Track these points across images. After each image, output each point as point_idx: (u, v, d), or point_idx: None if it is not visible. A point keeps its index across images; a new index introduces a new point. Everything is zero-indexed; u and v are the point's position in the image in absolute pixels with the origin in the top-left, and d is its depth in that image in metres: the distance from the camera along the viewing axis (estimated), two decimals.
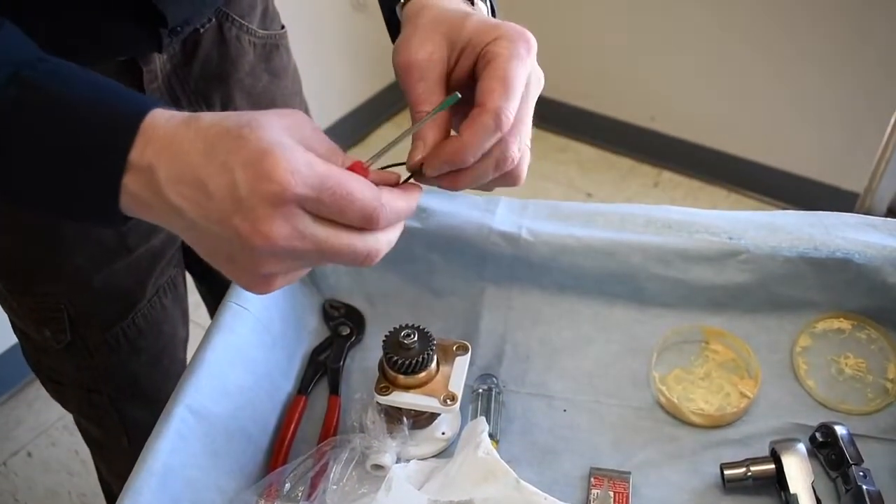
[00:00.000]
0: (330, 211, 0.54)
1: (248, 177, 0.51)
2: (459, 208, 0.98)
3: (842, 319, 0.93)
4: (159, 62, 0.87)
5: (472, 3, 0.72)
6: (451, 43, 0.64)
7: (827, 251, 0.90)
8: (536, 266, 0.95)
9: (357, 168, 0.58)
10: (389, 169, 0.65)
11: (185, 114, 0.55)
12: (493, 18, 0.66)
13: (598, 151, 2.91)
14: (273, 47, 1.01)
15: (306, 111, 1.13)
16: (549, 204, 1.00)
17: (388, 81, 3.03)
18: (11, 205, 0.84)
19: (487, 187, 0.68)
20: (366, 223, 0.56)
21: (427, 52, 0.64)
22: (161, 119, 0.54)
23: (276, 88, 1.03)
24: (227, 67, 0.94)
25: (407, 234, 0.95)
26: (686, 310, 0.95)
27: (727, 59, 2.51)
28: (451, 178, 0.64)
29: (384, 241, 0.58)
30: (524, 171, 0.67)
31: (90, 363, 1.01)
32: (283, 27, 1.04)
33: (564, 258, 0.94)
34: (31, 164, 0.56)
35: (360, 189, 0.54)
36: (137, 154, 0.54)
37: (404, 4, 0.71)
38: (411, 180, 0.64)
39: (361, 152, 2.95)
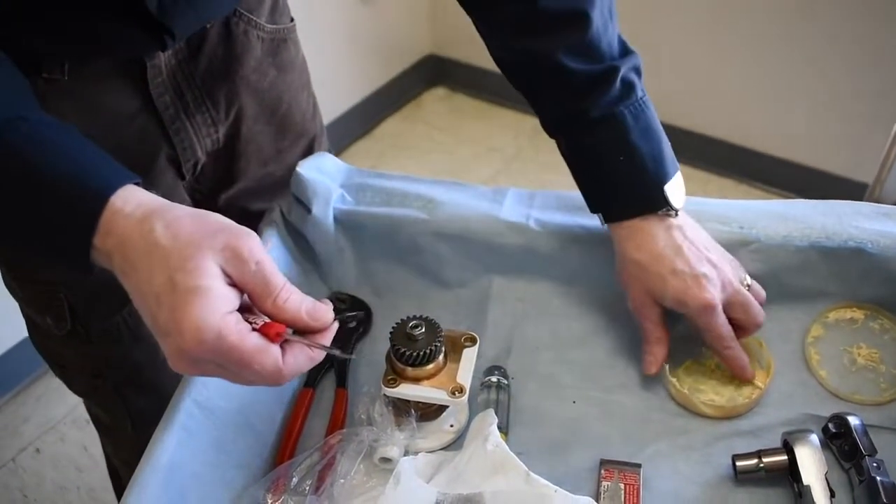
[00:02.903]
0: (235, 371, 0.60)
1: (169, 324, 0.58)
2: (467, 199, 0.97)
3: (854, 309, 0.92)
4: (164, 57, 0.86)
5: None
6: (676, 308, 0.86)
7: (839, 240, 0.89)
8: (545, 257, 0.95)
9: (269, 331, 0.61)
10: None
11: (142, 208, 0.60)
12: (684, 292, 0.84)
13: None
14: (281, 41, 1.00)
15: (314, 105, 1.12)
16: (558, 194, 0.99)
17: (393, 74, 3.03)
18: None
19: None
20: (267, 384, 0.62)
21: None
22: (123, 211, 0.60)
23: (283, 83, 1.02)
24: (232, 63, 0.94)
25: (413, 225, 0.95)
26: None
27: (735, 51, 2.50)
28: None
29: (287, 379, 0.63)
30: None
31: (91, 350, 1.01)
32: (292, 20, 1.03)
33: (573, 249, 0.94)
34: (3, 222, 0.63)
35: (261, 364, 0.60)
36: (99, 241, 0.60)
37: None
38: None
39: (368, 144, 2.95)
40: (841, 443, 0.79)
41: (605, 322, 0.94)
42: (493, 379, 0.87)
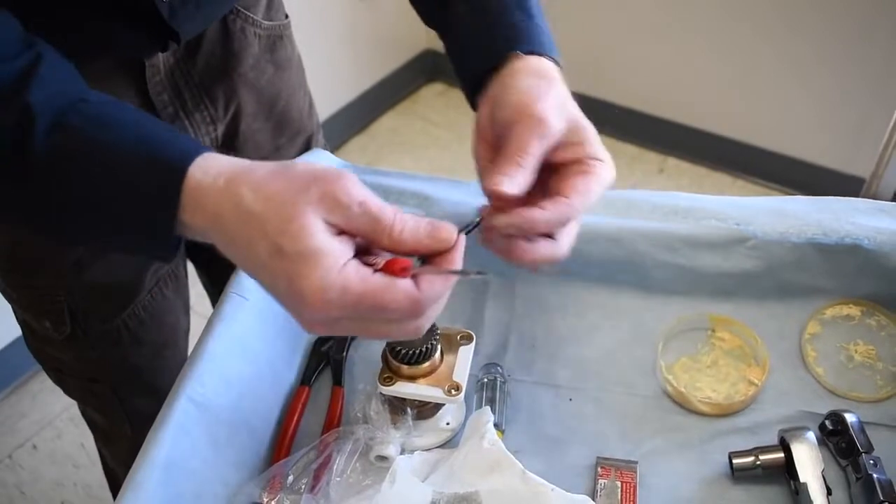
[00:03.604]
0: (372, 317, 0.57)
1: (290, 294, 0.55)
2: (463, 196, 0.97)
3: (851, 306, 0.92)
4: (162, 57, 0.86)
5: None
6: (568, 132, 0.69)
7: (836, 237, 0.89)
8: None
9: (394, 268, 0.58)
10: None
11: (224, 175, 0.57)
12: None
13: (603, 138, 2.83)
14: (277, 38, 1.00)
15: (310, 102, 1.12)
16: None
17: (390, 70, 3.02)
18: (70, 245, 0.88)
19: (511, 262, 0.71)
20: (409, 319, 0.58)
21: (557, 124, 0.68)
22: (204, 182, 0.56)
23: (281, 80, 1.02)
24: (230, 61, 0.93)
25: None
26: (693, 297, 0.93)
27: (733, 45, 2.49)
28: (509, 245, 0.68)
29: (428, 318, 0.60)
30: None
31: (91, 354, 1.01)
32: (286, 17, 1.03)
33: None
34: (83, 212, 0.59)
35: (395, 300, 0.56)
36: (189, 217, 0.57)
37: (517, 55, 0.73)
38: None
39: (365, 140, 2.94)
40: (838, 440, 0.79)
41: (601, 319, 0.94)
42: (490, 376, 0.86)
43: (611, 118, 2.86)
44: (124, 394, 1.08)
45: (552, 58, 0.75)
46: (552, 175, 0.69)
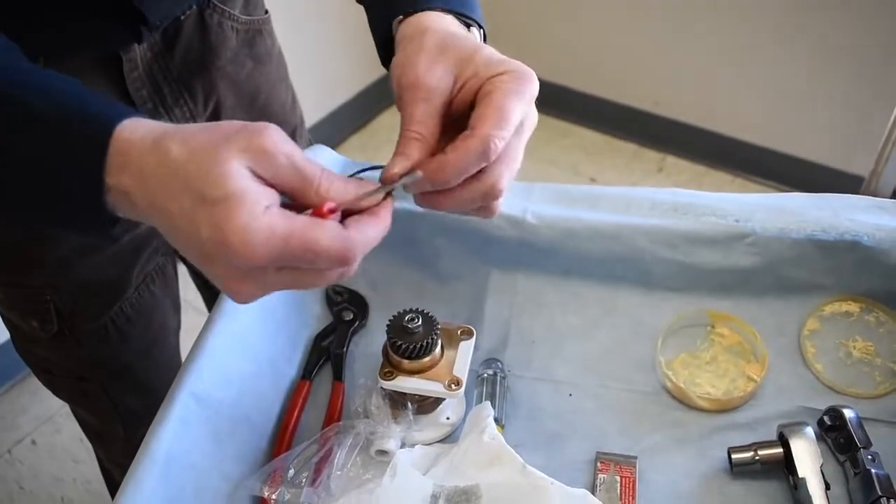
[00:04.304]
0: (300, 264, 0.55)
1: (214, 241, 0.52)
2: None
3: (850, 302, 0.92)
4: (140, 51, 0.85)
5: (468, 28, 0.72)
6: (458, 72, 0.64)
7: (835, 233, 0.90)
8: (541, 250, 0.95)
9: (320, 213, 0.56)
10: (369, 173, 0.63)
11: (153, 133, 0.55)
12: (500, 55, 0.65)
13: (602, 136, 2.89)
14: (256, 33, 0.99)
15: (293, 97, 1.12)
16: (555, 187, 0.99)
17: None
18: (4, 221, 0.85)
19: (465, 214, 0.68)
20: (338, 264, 0.56)
21: (436, 77, 0.63)
22: (133, 139, 0.54)
23: (261, 75, 1.02)
24: (208, 55, 0.93)
25: (411, 217, 0.95)
26: (692, 293, 0.94)
27: (731, 44, 2.49)
28: (433, 197, 0.63)
29: (354, 265, 0.58)
30: (500, 205, 0.67)
31: (79, 353, 1.01)
32: (266, 12, 1.02)
33: (570, 242, 0.94)
34: (10, 180, 0.57)
35: (325, 239, 0.54)
36: (114, 179, 0.54)
37: (402, 20, 0.70)
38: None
39: (364, 139, 2.94)
40: (836, 435, 0.79)
41: (601, 315, 0.94)
42: (490, 371, 0.87)
43: (610, 116, 2.86)
44: (114, 392, 1.07)
45: (438, 7, 0.70)
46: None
